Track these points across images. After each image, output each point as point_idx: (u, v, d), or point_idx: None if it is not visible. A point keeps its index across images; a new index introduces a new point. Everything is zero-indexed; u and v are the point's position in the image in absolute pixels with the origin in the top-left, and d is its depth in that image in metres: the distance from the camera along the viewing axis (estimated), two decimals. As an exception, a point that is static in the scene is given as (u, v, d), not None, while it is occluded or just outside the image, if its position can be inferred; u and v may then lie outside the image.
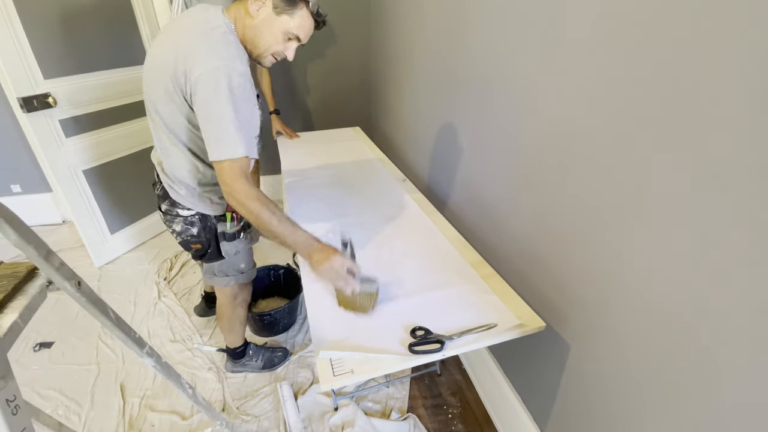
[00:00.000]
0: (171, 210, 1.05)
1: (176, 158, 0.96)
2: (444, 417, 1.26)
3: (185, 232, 1.07)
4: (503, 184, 1.06)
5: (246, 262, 1.20)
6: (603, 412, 0.79)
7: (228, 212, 1.08)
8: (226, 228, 1.08)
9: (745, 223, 0.49)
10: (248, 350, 1.43)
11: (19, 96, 1.61)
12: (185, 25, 0.86)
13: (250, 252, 1.21)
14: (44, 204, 2.47)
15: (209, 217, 1.07)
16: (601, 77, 0.68)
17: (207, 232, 1.08)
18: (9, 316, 0.54)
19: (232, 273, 1.18)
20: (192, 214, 1.05)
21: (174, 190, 1.02)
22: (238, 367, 1.44)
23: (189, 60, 0.80)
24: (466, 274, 1.00)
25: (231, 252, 1.13)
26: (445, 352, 0.76)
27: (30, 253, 0.51)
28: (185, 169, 0.97)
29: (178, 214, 1.05)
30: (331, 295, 0.93)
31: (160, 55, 0.85)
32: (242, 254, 1.17)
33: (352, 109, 2.57)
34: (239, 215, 1.09)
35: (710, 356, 0.56)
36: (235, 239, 1.11)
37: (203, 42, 0.81)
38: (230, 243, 1.11)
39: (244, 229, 1.14)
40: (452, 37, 1.27)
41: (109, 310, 0.68)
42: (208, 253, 1.12)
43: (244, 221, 1.12)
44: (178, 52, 0.81)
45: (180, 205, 1.03)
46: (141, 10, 1.96)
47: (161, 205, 1.08)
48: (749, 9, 0.45)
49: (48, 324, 1.67)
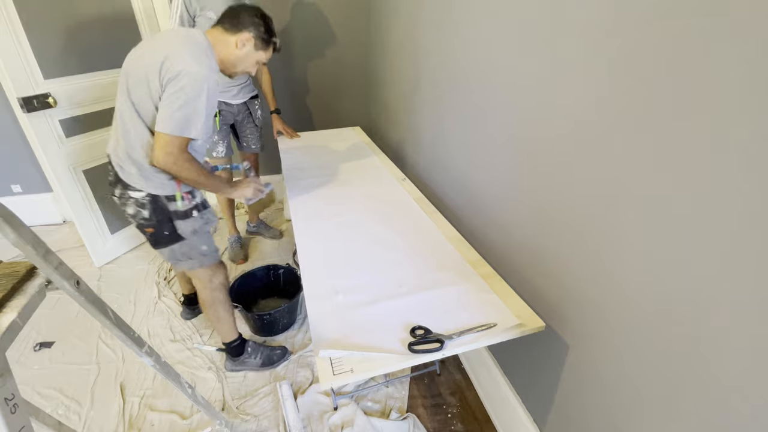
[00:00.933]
0: (123, 194, 1.11)
1: (134, 135, 1.05)
2: (443, 416, 1.26)
3: (138, 215, 1.13)
4: (503, 184, 1.06)
5: (207, 244, 1.22)
6: (601, 412, 0.79)
7: (177, 192, 1.12)
8: (178, 206, 1.13)
9: (748, 226, 0.49)
10: (247, 347, 1.44)
11: (20, 96, 1.61)
12: (173, 36, 1.06)
13: (208, 234, 1.24)
14: (44, 204, 2.47)
15: (159, 198, 1.11)
16: (601, 76, 0.68)
17: (158, 214, 1.12)
18: (8, 315, 0.54)
19: (195, 256, 1.21)
20: (143, 195, 1.10)
21: (125, 170, 1.08)
22: (237, 366, 1.44)
23: (175, 57, 0.98)
24: (466, 273, 1.00)
25: (188, 231, 1.16)
26: (444, 351, 0.76)
27: (28, 253, 0.51)
28: (140, 146, 1.06)
29: (129, 196, 1.11)
30: (331, 303, 0.93)
31: (147, 54, 1.02)
32: (200, 234, 1.19)
33: (352, 109, 2.57)
34: (190, 195, 1.15)
35: (709, 358, 0.55)
36: (188, 217, 1.15)
37: (189, 49, 1.01)
38: (185, 221, 1.15)
39: (198, 208, 1.17)
40: (451, 36, 1.27)
41: (108, 309, 0.68)
42: (165, 237, 1.15)
43: (196, 201, 1.17)
44: (166, 51, 0.99)
45: (131, 187, 1.09)
46: (141, 10, 1.96)
47: (115, 191, 1.14)
48: (749, 9, 0.45)
49: (48, 324, 1.67)
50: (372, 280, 0.98)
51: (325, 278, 0.99)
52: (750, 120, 0.47)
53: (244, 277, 1.68)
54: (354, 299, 0.92)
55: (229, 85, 1.80)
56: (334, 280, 0.99)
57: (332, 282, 0.98)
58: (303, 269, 1.03)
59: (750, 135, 0.47)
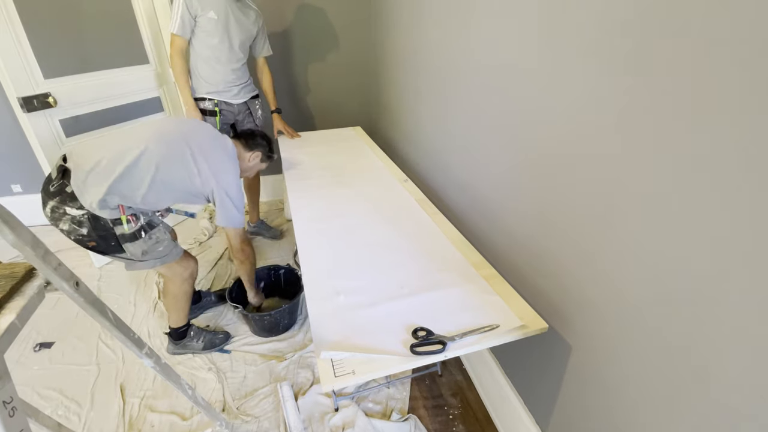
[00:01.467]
0: (59, 207, 1.07)
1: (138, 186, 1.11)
2: (445, 418, 1.26)
3: (74, 231, 1.10)
4: (504, 185, 1.05)
5: (164, 245, 1.23)
6: (603, 412, 0.78)
7: (123, 215, 1.11)
8: (124, 230, 1.12)
9: (748, 227, 0.48)
10: (189, 331, 1.50)
11: (20, 96, 1.61)
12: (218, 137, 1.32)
13: (162, 241, 1.23)
14: (45, 204, 2.47)
15: (101, 219, 1.09)
16: (602, 77, 0.68)
17: (98, 230, 1.10)
18: (6, 316, 0.53)
19: (152, 257, 1.21)
20: (82, 213, 1.07)
21: (86, 189, 1.06)
22: (179, 349, 1.50)
23: (220, 178, 1.23)
24: (468, 274, 1.00)
25: (137, 253, 1.16)
26: (446, 353, 0.75)
27: (27, 254, 0.51)
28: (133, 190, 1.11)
29: (65, 212, 1.07)
30: (332, 304, 0.92)
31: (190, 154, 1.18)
32: (155, 248, 1.20)
33: (352, 109, 2.56)
34: (134, 216, 1.14)
35: (709, 359, 0.55)
36: (137, 239, 1.15)
37: (228, 166, 1.28)
38: (133, 244, 1.15)
39: (143, 230, 1.17)
40: (453, 36, 1.26)
41: (108, 310, 0.67)
42: (112, 247, 1.14)
43: (141, 223, 1.16)
44: (212, 172, 1.21)
45: (70, 203, 1.06)
46: (141, 10, 1.95)
47: (49, 202, 1.08)
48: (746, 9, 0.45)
49: (48, 324, 1.67)
50: (374, 282, 0.97)
51: (326, 279, 0.99)
52: (750, 119, 0.46)
53: (244, 277, 1.67)
54: (355, 300, 0.91)
55: (230, 84, 1.80)
56: (335, 281, 0.98)
57: (333, 283, 0.97)
58: (304, 270, 1.03)
59: (750, 134, 0.47)
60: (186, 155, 1.17)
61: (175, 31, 1.64)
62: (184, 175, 1.18)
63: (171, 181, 1.16)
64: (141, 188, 1.11)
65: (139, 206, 1.15)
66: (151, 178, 1.12)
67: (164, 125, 1.25)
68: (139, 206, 1.15)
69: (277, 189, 2.71)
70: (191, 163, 1.17)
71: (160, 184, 1.14)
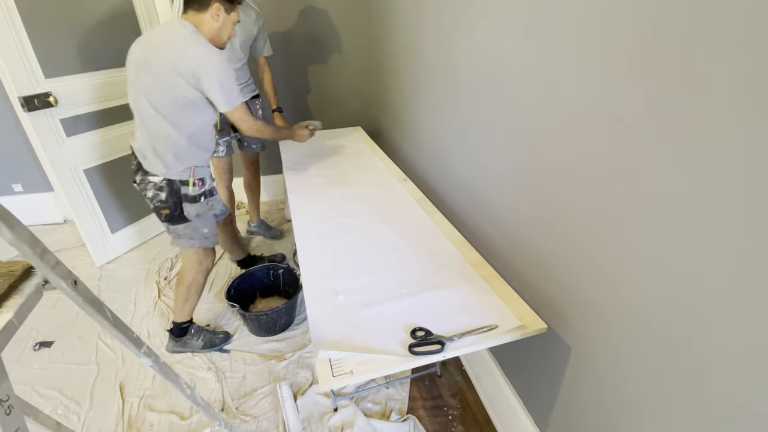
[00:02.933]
0: (144, 179, 1.27)
1: (155, 130, 1.22)
2: (444, 418, 1.25)
3: (156, 197, 1.27)
4: (504, 185, 1.05)
5: (208, 228, 1.37)
6: (602, 413, 0.78)
7: (191, 178, 1.28)
8: (189, 191, 1.29)
9: (749, 230, 0.48)
10: (190, 329, 1.51)
11: (21, 95, 1.61)
12: (167, 39, 1.18)
13: (211, 219, 1.39)
14: (45, 203, 2.47)
15: (174, 182, 1.27)
16: (602, 76, 0.67)
17: (173, 197, 1.28)
18: (4, 315, 0.53)
19: (197, 237, 1.36)
20: (160, 180, 1.25)
21: (147, 160, 1.25)
22: (178, 347, 1.51)
23: (185, 60, 1.14)
24: (467, 274, 0.99)
25: (192, 213, 1.32)
26: (445, 353, 0.75)
27: (25, 252, 0.51)
28: (163, 138, 1.22)
29: (149, 181, 1.26)
30: (331, 304, 0.92)
31: (154, 61, 1.15)
32: (203, 218, 1.35)
33: (353, 109, 2.56)
34: (201, 181, 1.31)
35: (708, 361, 0.55)
36: (196, 202, 1.31)
37: (188, 45, 1.15)
38: (192, 205, 1.31)
39: (205, 195, 1.33)
40: (453, 37, 1.26)
41: (106, 309, 0.67)
42: (174, 216, 1.30)
43: (205, 189, 1.33)
44: (174, 59, 1.13)
45: (150, 174, 1.25)
46: (142, 9, 1.96)
47: (136, 178, 1.29)
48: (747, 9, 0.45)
49: (48, 323, 1.67)
50: (372, 282, 0.97)
51: (325, 279, 0.99)
52: (751, 119, 0.46)
53: (243, 276, 1.67)
54: (354, 300, 0.91)
55: None
56: (334, 281, 0.98)
57: (332, 283, 0.97)
58: (303, 270, 1.03)
59: (751, 135, 0.46)
60: (162, 73, 1.15)
61: None
62: (177, 91, 1.16)
63: (173, 103, 1.18)
64: (165, 129, 1.21)
65: (199, 156, 1.30)
66: (162, 116, 1.19)
67: (130, 71, 1.21)
68: (199, 155, 1.30)
69: (278, 189, 2.71)
70: (173, 76, 1.14)
71: (174, 115, 1.20)
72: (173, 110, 1.19)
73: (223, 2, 1.22)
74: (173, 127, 1.20)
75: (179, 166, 1.25)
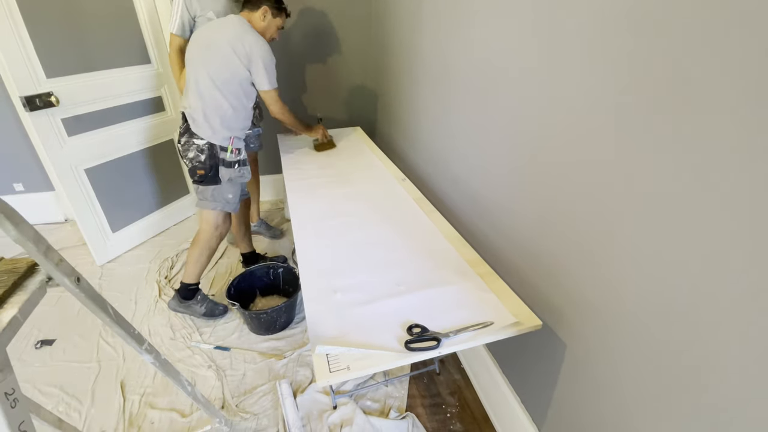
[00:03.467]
0: (189, 141, 1.47)
1: (209, 101, 1.43)
2: (442, 416, 1.27)
3: (196, 158, 1.46)
4: (502, 185, 1.06)
5: (233, 194, 1.54)
6: (596, 411, 0.79)
7: (230, 146, 1.48)
8: (227, 156, 1.48)
9: (748, 229, 0.49)
10: (198, 295, 1.63)
11: (22, 95, 1.62)
12: (229, 28, 1.43)
13: (238, 187, 1.57)
14: (46, 202, 2.48)
15: (215, 147, 1.46)
16: (602, 77, 0.68)
17: (211, 159, 1.47)
18: (8, 311, 0.54)
19: (220, 200, 1.52)
20: (204, 143, 1.45)
21: (196, 123, 1.44)
22: (181, 308, 1.63)
23: (243, 43, 1.40)
24: (464, 272, 1.00)
25: (225, 177, 1.50)
26: (441, 349, 0.76)
27: (29, 249, 0.52)
28: (214, 108, 1.44)
29: (193, 143, 1.46)
30: (329, 301, 0.93)
31: (218, 45, 1.40)
32: (233, 183, 1.53)
33: (352, 109, 2.57)
34: (237, 151, 1.50)
35: (703, 363, 0.56)
36: (231, 167, 1.50)
37: (246, 33, 1.42)
38: (227, 169, 1.49)
39: (239, 163, 1.51)
40: (451, 37, 1.27)
41: (108, 306, 0.68)
42: (208, 178, 1.48)
43: (240, 157, 1.51)
44: (238, 49, 1.40)
45: (197, 136, 1.45)
46: (143, 10, 1.97)
47: (181, 139, 1.49)
48: (747, 9, 0.46)
49: (50, 321, 1.68)
50: (370, 279, 0.98)
51: (323, 277, 1.00)
52: (751, 120, 0.47)
53: (243, 275, 1.68)
54: (352, 298, 0.92)
55: None
56: (332, 278, 0.99)
57: (330, 280, 0.98)
58: (302, 268, 1.04)
59: (752, 135, 0.47)
60: (222, 51, 1.40)
61: (174, 31, 1.68)
62: (232, 68, 1.41)
63: (227, 77, 1.41)
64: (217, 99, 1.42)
65: (237, 128, 1.50)
66: (216, 87, 1.41)
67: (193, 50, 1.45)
68: (238, 126, 1.50)
69: (278, 189, 2.73)
70: (231, 56, 1.40)
71: (225, 88, 1.42)
72: (226, 83, 1.42)
73: (271, 7, 1.50)
74: (224, 98, 1.42)
75: (223, 131, 1.45)
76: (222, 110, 1.44)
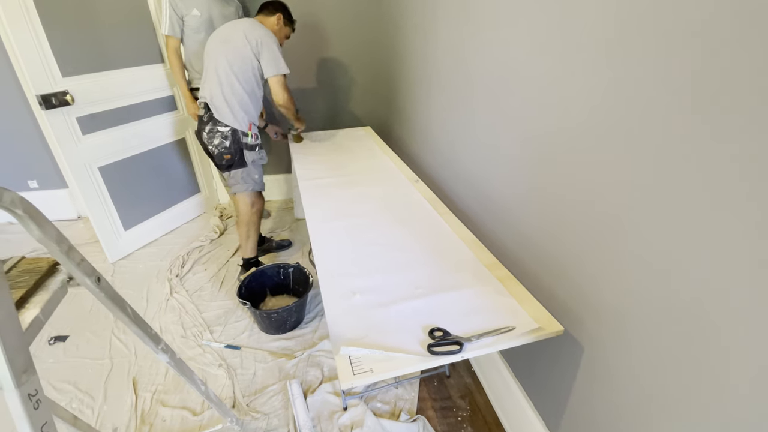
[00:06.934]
0: (213, 129, 1.61)
1: (228, 88, 1.58)
2: (453, 420, 1.25)
3: (221, 144, 1.62)
4: (517, 186, 1.05)
5: (258, 174, 1.74)
6: (615, 416, 0.77)
7: (249, 131, 1.65)
8: (248, 140, 1.66)
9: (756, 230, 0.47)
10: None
11: (38, 93, 1.64)
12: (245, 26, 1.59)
13: (260, 168, 1.75)
14: (60, 200, 2.51)
15: (237, 132, 1.62)
16: (615, 76, 0.66)
17: (235, 144, 1.63)
18: (31, 311, 0.54)
19: (250, 181, 1.70)
20: (227, 129, 1.60)
21: (219, 110, 1.59)
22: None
23: (253, 38, 1.56)
24: (482, 275, 0.99)
25: (250, 159, 1.68)
26: (463, 353, 0.75)
27: (52, 249, 0.51)
28: (232, 94, 1.59)
29: (218, 130, 1.60)
30: (348, 303, 0.93)
31: (235, 41, 1.57)
32: (257, 165, 1.72)
33: (363, 108, 2.57)
34: (256, 135, 1.69)
35: (722, 369, 0.54)
36: (253, 150, 1.68)
37: (257, 29, 1.59)
38: (250, 152, 1.68)
39: (259, 146, 1.72)
40: (465, 38, 1.25)
41: (127, 306, 0.68)
42: (236, 162, 1.65)
43: (259, 141, 1.71)
44: (246, 38, 1.55)
45: (221, 123, 1.60)
46: (157, 9, 1.98)
47: (205, 128, 1.62)
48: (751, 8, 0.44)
49: (63, 318, 1.70)
50: (388, 281, 0.97)
51: (341, 278, 0.99)
52: (758, 118, 0.45)
53: (254, 274, 1.68)
54: (371, 300, 0.91)
55: None
56: (350, 280, 0.98)
57: (348, 282, 0.97)
58: (319, 269, 1.03)
59: (760, 135, 0.45)
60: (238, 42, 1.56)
61: (166, 32, 1.82)
62: (246, 56, 1.57)
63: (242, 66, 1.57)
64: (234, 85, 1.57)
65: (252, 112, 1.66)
66: (234, 74, 1.56)
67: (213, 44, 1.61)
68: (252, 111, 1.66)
69: (287, 188, 2.73)
70: (245, 44, 1.55)
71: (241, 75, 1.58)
72: (241, 70, 1.57)
73: (284, 16, 1.71)
74: (239, 83, 1.57)
75: (242, 114, 1.60)
76: (239, 95, 1.59)
